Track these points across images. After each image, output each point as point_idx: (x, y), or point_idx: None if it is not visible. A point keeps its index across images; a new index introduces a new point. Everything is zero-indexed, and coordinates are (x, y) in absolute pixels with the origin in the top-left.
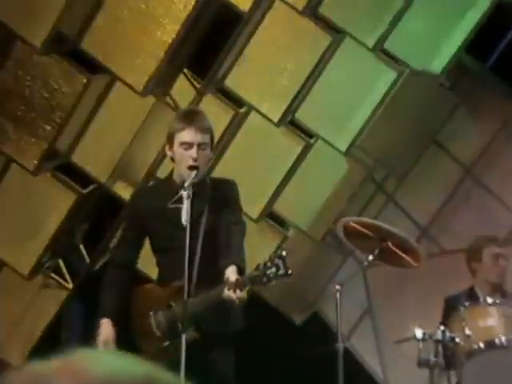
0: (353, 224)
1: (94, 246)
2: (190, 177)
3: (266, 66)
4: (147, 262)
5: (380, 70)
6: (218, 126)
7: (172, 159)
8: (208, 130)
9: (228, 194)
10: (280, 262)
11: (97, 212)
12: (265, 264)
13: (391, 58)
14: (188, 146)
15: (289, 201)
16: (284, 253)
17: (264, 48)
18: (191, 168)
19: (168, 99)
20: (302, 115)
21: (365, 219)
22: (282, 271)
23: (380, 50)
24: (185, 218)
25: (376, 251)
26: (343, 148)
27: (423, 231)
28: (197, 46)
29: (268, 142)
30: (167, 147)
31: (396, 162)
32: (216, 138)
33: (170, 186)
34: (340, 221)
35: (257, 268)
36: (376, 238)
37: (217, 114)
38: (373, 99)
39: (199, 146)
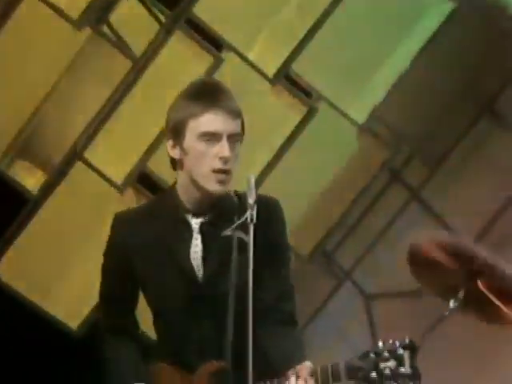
0: (427, 245)
1: None
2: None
3: None
4: None
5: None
6: (189, 77)
7: (175, 163)
8: (239, 113)
9: (274, 230)
10: (405, 354)
11: None
12: (377, 352)
13: None
14: (213, 138)
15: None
16: (411, 341)
17: None
18: (219, 173)
19: (106, 29)
20: (302, 68)
21: (446, 238)
22: (405, 369)
23: None
24: (198, 263)
25: (460, 294)
26: (360, 118)
27: None
28: None
29: (255, 105)
30: (170, 144)
31: (429, 141)
32: None
33: (172, 211)
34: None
35: (363, 356)
36: (461, 270)
37: (188, 59)
38: (412, 44)
39: (230, 138)
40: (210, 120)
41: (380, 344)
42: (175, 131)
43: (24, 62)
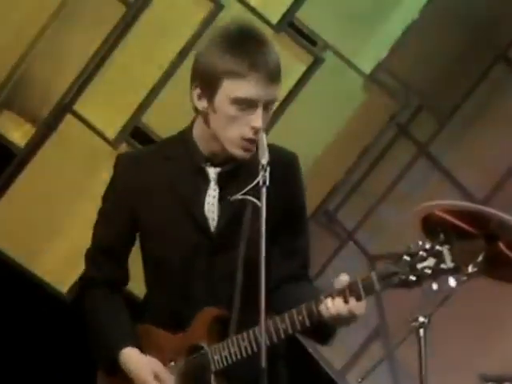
0: (440, 213)
1: None
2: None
3: None
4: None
5: None
6: (186, 24)
7: (198, 112)
8: (280, 76)
9: (292, 189)
10: (444, 249)
11: None
12: (412, 253)
13: None
14: (248, 105)
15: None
16: (446, 235)
17: None
18: (248, 143)
19: None
20: (307, 15)
21: (459, 203)
22: (447, 264)
23: None
24: (213, 216)
25: (480, 257)
26: (368, 68)
27: None
28: None
29: None
30: (197, 92)
31: (439, 93)
32: (183, 42)
33: (187, 157)
34: (416, 210)
35: (396, 261)
36: (479, 234)
37: (185, 5)
38: None
39: (266, 105)
40: (250, 86)
41: (411, 246)
42: (206, 82)
43: (8, 6)
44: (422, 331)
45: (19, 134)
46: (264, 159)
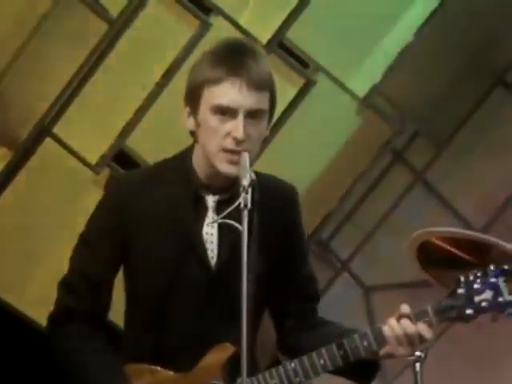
0: (438, 241)
1: None
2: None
3: None
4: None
5: None
6: (171, 43)
7: (193, 134)
8: (266, 84)
9: (293, 218)
10: (500, 282)
11: None
12: (468, 281)
13: None
14: (227, 113)
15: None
16: (502, 267)
17: None
18: (230, 154)
19: None
20: (298, 35)
21: (458, 231)
22: (504, 297)
23: None
24: (212, 247)
25: None
26: (362, 92)
27: None
28: None
29: None
30: (187, 111)
31: (436, 118)
32: (169, 62)
33: (184, 182)
34: (413, 236)
35: (451, 294)
36: (479, 264)
37: (171, 23)
38: (417, 12)
39: (249, 115)
40: (226, 91)
41: (462, 279)
42: (191, 98)
43: None
44: (418, 366)
45: None
46: (245, 180)
